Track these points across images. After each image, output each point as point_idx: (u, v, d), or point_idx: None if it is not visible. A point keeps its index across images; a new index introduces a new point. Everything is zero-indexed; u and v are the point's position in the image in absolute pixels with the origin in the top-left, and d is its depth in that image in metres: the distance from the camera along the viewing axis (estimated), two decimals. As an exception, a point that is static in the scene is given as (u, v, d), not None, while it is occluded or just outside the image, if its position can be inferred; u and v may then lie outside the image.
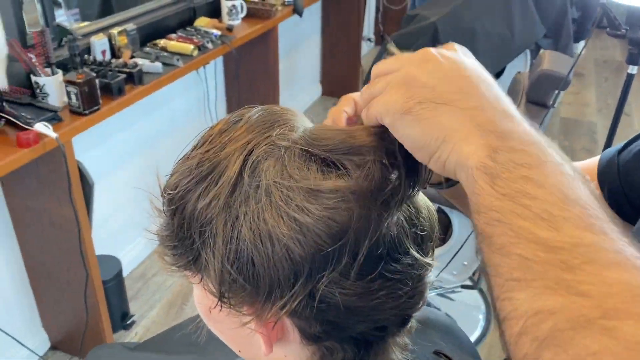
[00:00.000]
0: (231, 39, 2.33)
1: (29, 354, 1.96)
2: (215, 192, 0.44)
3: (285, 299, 0.43)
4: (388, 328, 0.50)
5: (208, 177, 0.45)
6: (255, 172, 0.44)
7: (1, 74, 1.71)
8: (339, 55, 4.17)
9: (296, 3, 2.83)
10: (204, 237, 0.45)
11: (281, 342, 0.48)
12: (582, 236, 0.32)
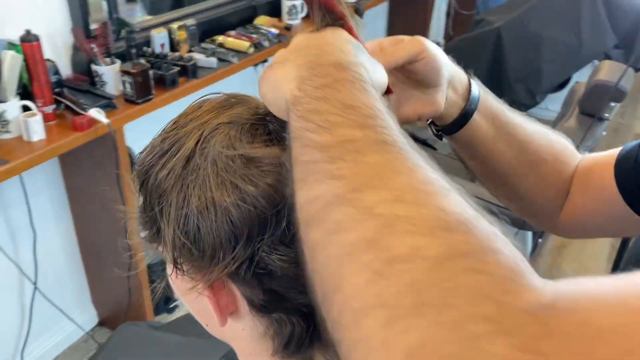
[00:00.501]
0: (288, 38, 2.37)
1: (76, 328, 2.08)
2: (171, 165, 0.48)
3: (227, 261, 0.45)
4: None
5: (168, 152, 0.49)
6: (206, 145, 0.47)
7: (66, 62, 1.83)
8: (403, 58, 4.13)
9: (357, 4, 2.84)
10: (161, 207, 0.48)
11: (235, 316, 0.51)
12: (352, 134, 0.34)
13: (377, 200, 0.30)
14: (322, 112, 0.36)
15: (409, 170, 0.32)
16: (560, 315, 0.25)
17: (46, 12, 1.72)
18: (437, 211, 0.29)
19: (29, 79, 1.59)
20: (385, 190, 0.31)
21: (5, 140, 1.56)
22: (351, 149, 0.33)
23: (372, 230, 0.29)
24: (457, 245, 0.28)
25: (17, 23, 1.59)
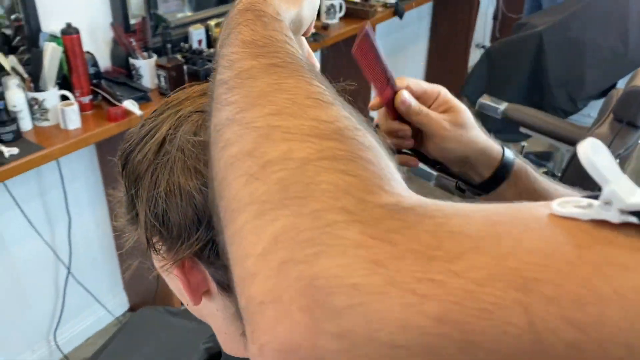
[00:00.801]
0: (323, 37, 2.39)
1: (106, 313, 2.16)
2: (146, 150, 0.50)
3: (191, 241, 0.48)
4: None
5: (144, 138, 0.51)
6: (177, 131, 0.49)
7: (106, 55, 1.90)
8: (445, 61, 4.09)
9: (398, 5, 2.83)
10: (136, 189, 0.51)
11: (208, 296, 0.53)
12: (247, 64, 0.37)
13: (258, 115, 0.32)
14: (226, 54, 0.39)
15: (292, 87, 0.34)
16: (418, 216, 0.26)
17: (88, 7, 1.79)
18: (313, 121, 0.31)
19: (69, 70, 1.66)
20: (267, 107, 0.33)
21: (43, 127, 1.63)
22: (245, 77, 0.36)
23: (252, 141, 0.31)
24: (327, 150, 0.29)
25: (60, 17, 1.66)
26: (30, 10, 1.61)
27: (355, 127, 0.32)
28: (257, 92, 0.34)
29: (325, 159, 0.29)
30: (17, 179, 1.67)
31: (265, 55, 0.37)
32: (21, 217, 1.77)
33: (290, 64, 0.36)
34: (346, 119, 0.32)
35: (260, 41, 0.38)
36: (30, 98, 1.59)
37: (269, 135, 0.30)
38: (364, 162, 0.29)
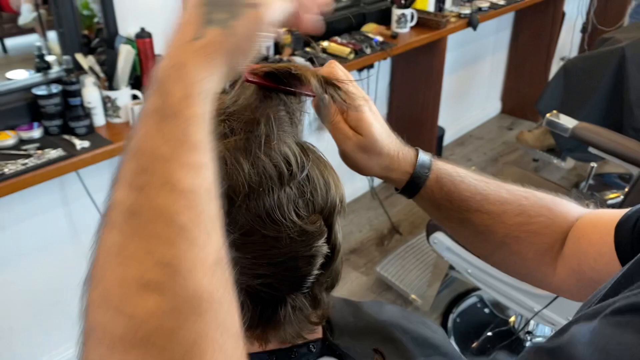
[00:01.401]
0: (391, 46, 2.40)
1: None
2: None
3: None
4: (279, 288, 0.56)
5: None
6: None
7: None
8: (524, 73, 3.97)
9: (472, 16, 2.78)
10: None
11: None
12: (121, 198, 0.38)
13: (95, 299, 0.36)
14: (121, 162, 0.40)
15: (129, 259, 0.35)
16: None
17: (162, 13, 1.90)
18: (124, 322, 0.34)
19: (141, 71, 1.77)
20: (98, 287, 0.36)
21: (114, 124, 1.75)
22: (109, 219, 0.37)
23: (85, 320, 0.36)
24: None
25: (136, 21, 1.78)
26: (109, 15, 1.74)
27: (174, 316, 0.33)
28: (103, 260, 0.36)
29: None
30: (90, 169, 1.81)
31: (137, 190, 0.36)
32: (92, 206, 1.91)
33: (150, 214, 0.36)
34: (165, 314, 0.33)
35: (140, 160, 0.37)
36: (104, 96, 1.72)
37: (88, 335, 0.35)
38: None
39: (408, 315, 0.84)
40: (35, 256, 1.89)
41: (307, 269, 0.57)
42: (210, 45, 0.40)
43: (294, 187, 0.55)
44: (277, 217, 0.53)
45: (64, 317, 2.03)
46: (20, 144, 1.60)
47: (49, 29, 1.92)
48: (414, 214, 3.06)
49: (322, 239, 0.57)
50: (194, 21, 0.40)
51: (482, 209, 0.67)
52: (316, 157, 0.59)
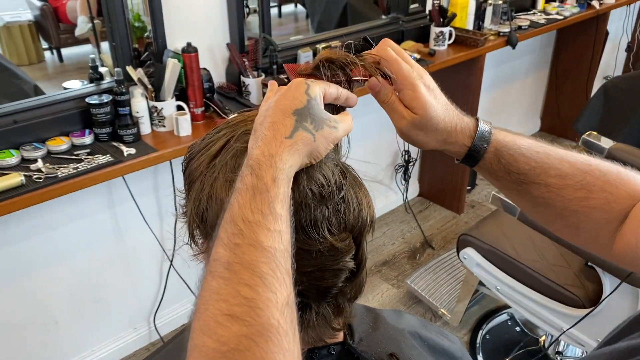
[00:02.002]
0: (429, 63, 2.44)
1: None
2: (201, 160, 0.62)
3: None
4: (306, 295, 0.61)
5: (202, 149, 0.63)
6: (226, 150, 0.61)
7: (222, 71, 2.10)
8: (565, 92, 3.94)
9: (511, 35, 2.80)
10: (189, 190, 0.63)
11: None
12: (218, 253, 0.50)
13: (195, 326, 0.46)
14: (221, 224, 0.52)
15: (221, 300, 0.46)
16: None
17: (209, 29, 2.00)
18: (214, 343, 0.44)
19: (186, 83, 1.87)
20: (199, 319, 0.46)
21: (160, 132, 1.85)
22: (210, 270, 0.48)
23: None
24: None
25: (183, 37, 1.89)
26: (159, 30, 1.84)
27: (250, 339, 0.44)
28: (204, 299, 0.47)
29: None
30: (135, 175, 1.92)
31: (231, 248, 0.48)
32: (135, 210, 2.01)
33: (239, 266, 0.47)
34: (244, 337, 0.43)
35: (237, 224, 0.49)
36: (151, 106, 1.82)
37: (191, 351, 0.45)
38: None
39: (426, 325, 0.89)
40: (81, 255, 2.00)
41: (333, 281, 0.62)
42: (296, 144, 0.54)
43: (330, 207, 0.60)
44: (311, 232, 0.59)
45: (106, 313, 2.14)
46: (73, 149, 1.71)
47: (103, 40, 2.05)
48: (447, 228, 3.08)
49: (350, 255, 0.62)
50: (286, 124, 0.55)
51: (541, 182, 0.67)
52: (352, 179, 0.64)
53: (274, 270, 0.47)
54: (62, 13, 3.99)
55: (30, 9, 4.05)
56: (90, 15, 3.45)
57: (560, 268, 1.90)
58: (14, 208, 1.49)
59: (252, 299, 0.45)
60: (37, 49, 4.06)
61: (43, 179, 1.55)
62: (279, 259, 0.48)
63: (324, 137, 0.56)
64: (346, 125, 0.60)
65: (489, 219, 2.18)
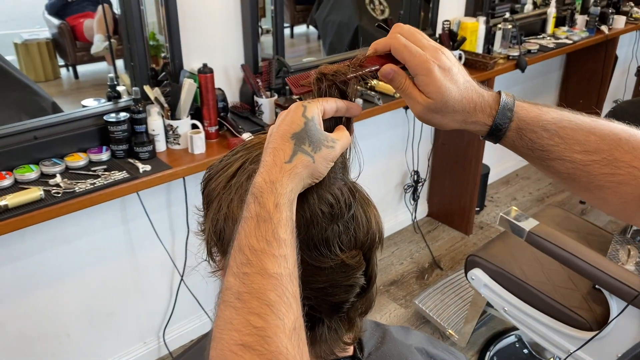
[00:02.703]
0: (438, 85, 2.48)
1: (209, 321, 2.38)
2: (219, 181, 0.65)
3: None
4: (318, 310, 0.64)
5: (220, 171, 0.66)
6: (242, 171, 0.64)
7: (236, 91, 2.15)
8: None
9: (520, 59, 2.84)
10: (207, 209, 0.66)
11: None
12: (228, 282, 0.52)
13: (213, 356, 0.50)
14: (231, 255, 0.54)
15: (232, 329, 0.49)
16: None
17: (224, 50, 2.05)
18: None
19: (201, 103, 1.92)
20: (214, 350, 0.50)
21: (174, 150, 1.90)
22: (222, 299, 0.52)
23: None
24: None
25: (199, 58, 1.94)
26: (176, 51, 1.90)
27: None
28: (219, 328, 0.51)
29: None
30: (149, 192, 1.96)
31: (241, 278, 0.51)
32: (148, 225, 2.05)
33: (248, 295, 0.51)
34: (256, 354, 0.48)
35: (245, 253, 0.53)
36: (166, 124, 1.87)
37: None
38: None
39: (433, 341, 0.91)
40: (95, 269, 2.04)
41: (345, 296, 0.65)
42: (296, 168, 0.56)
43: (341, 225, 0.63)
44: (323, 250, 0.62)
45: (117, 327, 2.17)
46: (90, 165, 1.76)
47: (118, 58, 2.12)
48: (456, 249, 3.09)
49: (360, 272, 0.65)
50: (285, 149, 0.57)
51: (565, 158, 0.65)
52: (361, 197, 0.67)
53: (281, 296, 0.50)
54: (79, 31, 4.09)
55: (48, 27, 4.15)
56: (107, 34, 3.53)
57: (568, 290, 1.91)
58: (32, 221, 1.54)
59: (262, 327, 0.48)
60: (53, 66, 4.16)
61: (61, 193, 1.60)
62: (286, 284, 0.51)
63: (323, 157, 0.58)
64: (343, 142, 0.61)
65: (497, 240, 2.20)
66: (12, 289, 1.86)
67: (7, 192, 1.56)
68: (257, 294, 0.50)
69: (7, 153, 1.68)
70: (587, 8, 3.49)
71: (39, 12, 4.22)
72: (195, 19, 1.94)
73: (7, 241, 1.77)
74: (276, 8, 2.10)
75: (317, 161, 0.58)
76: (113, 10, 3.26)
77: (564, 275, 1.96)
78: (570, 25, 3.47)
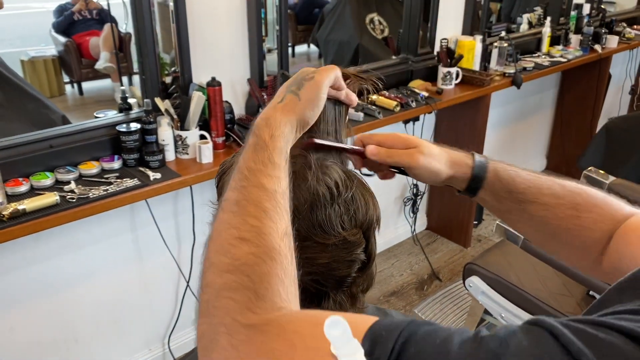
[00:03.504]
0: (436, 101, 2.57)
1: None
2: None
3: None
4: (324, 284, 0.71)
5: (233, 165, 0.72)
6: None
7: (242, 104, 2.24)
8: (570, 131, 4.05)
9: (516, 76, 2.94)
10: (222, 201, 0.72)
11: None
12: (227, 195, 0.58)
13: (210, 249, 0.56)
14: (232, 176, 0.61)
15: (232, 227, 0.55)
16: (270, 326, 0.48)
17: (232, 65, 2.14)
18: (229, 259, 0.53)
19: (209, 115, 2.00)
20: (214, 243, 0.55)
21: (183, 159, 1.97)
22: (221, 208, 0.58)
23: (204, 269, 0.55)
24: (228, 282, 0.51)
25: (208, 71, 2.03)
26: (186, 65, 1.99)
27: (257, 257, 0.52)
28: (218, 228, 0.56)
29: (225, 289, 0.51)
30: (157, 200, 2.03)
31: (239, 190, 0.58)
32: (156, 233, 2.12)
33: (246, 202, 0.56)
34: (252, 255, 0.52)
35: (241, 172, 0.59)
36: (176, 135, 1.95)
37: (208, 268, 0.54)
38: (246, 292, 0.50)
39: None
40: (103, 275, 2.10)
41: (347, 271, 0.72)
42: (285, 106, 0.64)
43: (341, 206, 0.70)
44: (326, 228, 0.69)
45: (123, 333, 2.22)
46: (103, 173, 1.83)
47: (123, 74, 2.21)
48: (454, 261, 3.15)
49: (361, 248, 0.72)
50: (281, 95, 0.66)
51: (537, 201, 0.74)
52: (359, 182, 0.75)
53: (275, 207, 0.56)
54: (85, 49, 4.20)
55: (54, 45, 4.26)
56: (115, 50, 3.64)
57: (563, 297, 1.97)
58: (49, 225, 1.60)
59: (258, 226, 0.54)
60: (59, 82, 4.26)
61: (76, 199, 1.67)
62: (279, 199, 0.57)
63: (307, 91, 0.65)
64: (323, 71, 0.67)
65: (494, 249, 2.26)
66: (23, 294, 1.92)
67: (24, 198, 1.63)
68: (253, 201, 0.56)
69: (24, 161, 1.75)
70: (580, 28, 3.60)
71: (45, 31, 4.33)
72: (204, 36, 2.03)
73: (21, 246, 1.83)
74: (281, 27, 2.19)
75: (302, 96, 0.64)
76: (118, 29, 3.37)
77: (558, 282, 2.03)
78: (564, 44, 3.58)
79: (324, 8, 4.34)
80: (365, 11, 3.85)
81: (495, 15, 3.85)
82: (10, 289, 1.88)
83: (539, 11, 3.68)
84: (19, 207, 1.56)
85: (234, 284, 0.51)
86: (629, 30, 3.94)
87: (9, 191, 1.65)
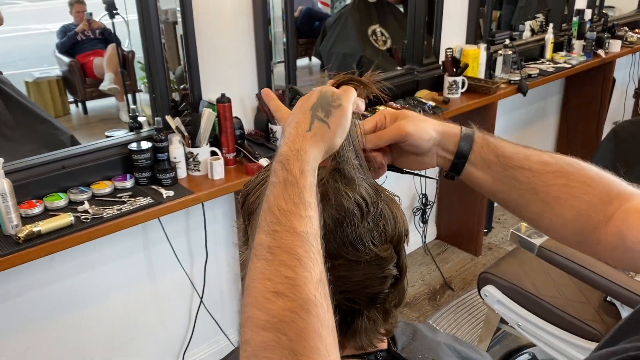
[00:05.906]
0: (443, 110, 2.57)
1: (228, 344, 2.42)
2: (258, 194, 0.71)
3: None
4: (357, 302, 0.70)
5: (257, 185, 0.73)
6: None
7: (251, 119, 2.24)
8: (576, 137, 4.06)
9: (521, 83, 2.94)
10: (249, 221, 0.72)
11: None
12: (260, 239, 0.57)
13: (246, 301, 0.54)
14: (261, 214, 0.59)
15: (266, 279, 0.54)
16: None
17: (240, 81, 2.15)
18: (264, 315, 0.52)
19: (219, 131, 2.01)
20: (249, 296, 0.54)
21: (195, 176, 1.98)
22: (254, 254, 0.56)
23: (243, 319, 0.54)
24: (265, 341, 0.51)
25: (217, 88, 2.04)
26: (195, 82, 1.99)
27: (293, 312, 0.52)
28: (252, 277, 0.55)
29: (262, 348, 0.51)
30: (169, 218, 2.03)
31: (271, 235, 0.56)
32: (169, 250, 2.12)
33: (279, 249, 0.55)
34: (288, 311, 0.52)
35: (274, 213, 0.57)
36: (187, 152, 1.95)
37: (245, 322, 0.53)
38: (284, 351, 0.50)
39: (459, 340, 0.97)
40: (117, 294, 2.09)
41: (380, 287, 0.71)
42: (315, 136, 0.62)
43: (371, 222, 0.69)
44: (358, 246, 0.68)
45: (137, 352, 2.21)
46: (115, 192, 1.83)
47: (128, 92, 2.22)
48: (466, 270, 3.14)
49: (392, 263, 0.72)
50: (305, 120, 0.63)
51: (525, 166, 0.72)
52: (386, 196, 0.74)
53: (308, 252, 0.55)
54: (89, 69, 4.22)
55: (58, 65, 4.29)
56: (121, 69, 3.65)
57: (580, 304, 1.96)
58: (64, 246, 1.60)
59: (292, 277, 0.53)
60: (63, 102, 4.28)
61: (90, 219, 1.67)
62: (311, 242, 0.56)
63: (336, 118, 0.63)
64: (347, 96, 0.65)
65: (508, 257, 2.25)
66: (39, 314, 1.91)
67: (38, 219, 1.64)
68: (286, 248, 0.54)
69: (37, 182, 1.76)
70: (583, 33, 3.61)
71: (47, 51, 4.36)
72: (212, 53, 2.04)
73: (36, 267, 1.83)
74: (288, 41, 2.21)
75: (331, 123, 0.62)
76: (121, 47, 3.39)
77: (574, 288, 2.01)
78: (568, 50, 3.59)
79: (326, 21, 4.36)
80: (367, 23, 3.87)
81: (495, 23, 3.87)
82: (26, 310, 1.88)
83: (541, 18, 3.70)
84: (34, 229, 1.56)
85: (270, 343, 0.51)
86: (631, 34, 3.95)
87: (23, 213, 1.65)
